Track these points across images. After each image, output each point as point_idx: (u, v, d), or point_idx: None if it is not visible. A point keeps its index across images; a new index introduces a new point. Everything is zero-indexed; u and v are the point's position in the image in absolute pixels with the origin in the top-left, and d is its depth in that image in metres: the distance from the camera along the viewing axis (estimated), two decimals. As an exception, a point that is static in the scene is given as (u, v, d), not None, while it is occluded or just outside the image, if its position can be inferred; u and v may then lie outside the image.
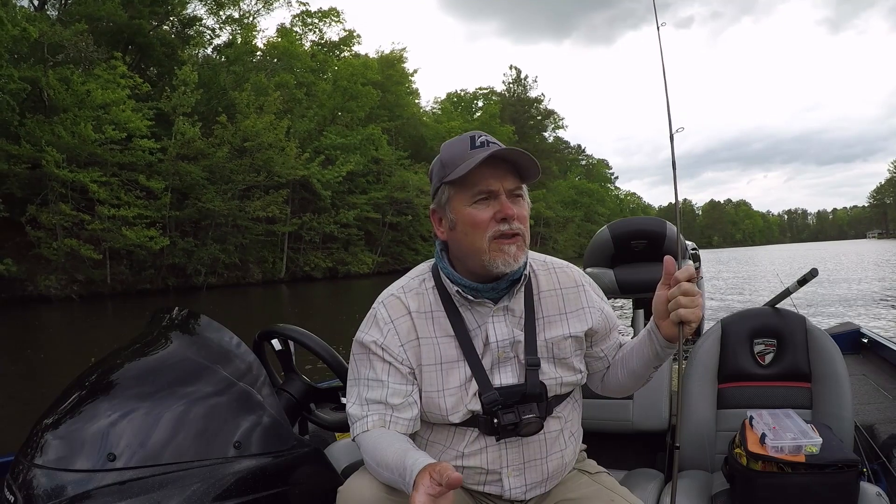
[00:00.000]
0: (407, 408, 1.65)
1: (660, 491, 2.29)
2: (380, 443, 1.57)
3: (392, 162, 50.22)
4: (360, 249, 47.08)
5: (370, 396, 1.65)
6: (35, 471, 1.58)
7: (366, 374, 1.67)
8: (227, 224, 36.21)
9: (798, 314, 2.61)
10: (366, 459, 1.61)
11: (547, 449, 1.73)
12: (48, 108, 29.14)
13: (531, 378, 1.67)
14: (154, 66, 39.10)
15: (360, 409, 1.66)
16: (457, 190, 1.63)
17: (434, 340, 1.67)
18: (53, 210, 28.81)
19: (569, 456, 1.80)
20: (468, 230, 1.62)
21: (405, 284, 1.75)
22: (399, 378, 1.65)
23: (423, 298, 1.71)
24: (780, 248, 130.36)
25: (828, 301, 16.91)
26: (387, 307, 1.70)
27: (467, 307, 1.68)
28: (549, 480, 1.76)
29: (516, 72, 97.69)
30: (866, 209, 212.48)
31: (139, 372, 1.83)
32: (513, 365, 1.68)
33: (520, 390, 1.66)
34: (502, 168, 1.61)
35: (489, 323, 1.67)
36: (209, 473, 1.60)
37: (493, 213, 1.59)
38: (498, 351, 1.67)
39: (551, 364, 1.71)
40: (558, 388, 1.72)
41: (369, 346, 1.67)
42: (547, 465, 1.74)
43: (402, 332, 1.67)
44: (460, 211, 1.63)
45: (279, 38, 47.32)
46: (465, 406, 1.64)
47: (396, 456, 1.49)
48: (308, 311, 23.93)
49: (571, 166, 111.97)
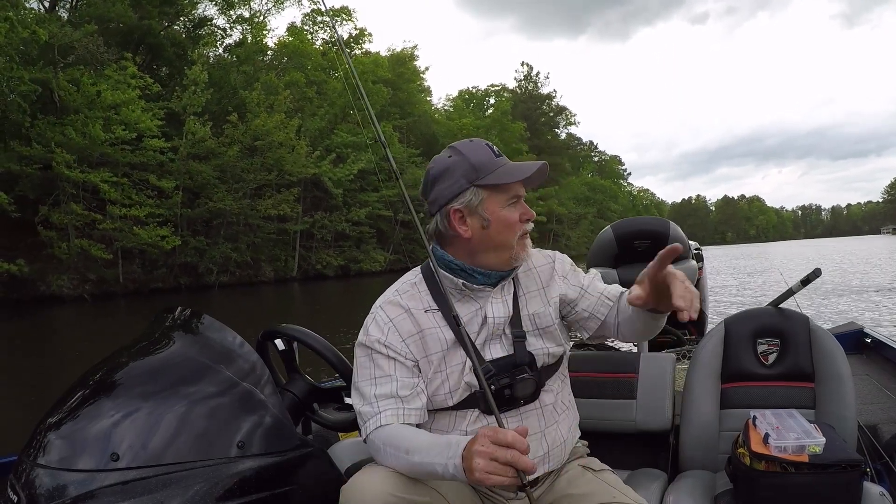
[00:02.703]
0: (415, 398, 1.74)
1: (663, 491, 2.29)
2: (405, 432, 1.65)
3: (403, 160, 50.21)
4: (372, 247, 47.12)
5: (380, 392, 1.72)
6: (38, 470, 1.59)
7: (372, 374, 1.75)
8: (239, 223, 36.33)
9: (801, 314, 2.60)
10: (385, 452, 1.63)
11: (545, 421, 1.84)
12: (59, 109, 29.26)
13: (519, 348, 1.82)
14: (165, 66, 39.24)
15: (371, 406, 1.72)
16: (492, 193, 1.77)
17: (436, 330, 1.79)
18: (65, 210, 28.96)
19: (564, 430, 1.90)
20: (502, 229, 1.78)
21: (398, 289, 1.88)
22: (405, 371, 1.75)
23: (419, 298, 1.84)
24: (790, 244, 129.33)
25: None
26: (384, 309, 1.82)
27: (468, 294, 1.82)
28: (550, 456, 1.85)
29: (528, 68, 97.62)
30: (880, 204, 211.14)
31: (142, 372, 1.84)
32: (501, 339, 1.83)
33: (510, 360, 1.80)
34: (523, 176, 1.78)
35: (488, 304, 1.83)
36: (212, 473, 1.61)
37: (518, 214, 1.80)
38: (493, 327, 1.81)
39: (537, 336, 1.86)
40: (546, 359, 1.86)
41: (372, 345, 1.77)
42: (546, 439, 1.84)
43: (402, 329, 1.78)
44: (496, 212, 1.78)
45: (290, 36, 47.40)
46: (463, 381, 1.76)
47: (433, 438, 1.58)
48: (320, 309, 23.98)
49: (584, 163, 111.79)
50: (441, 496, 1.65)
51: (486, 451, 1.36)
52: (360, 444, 2.44)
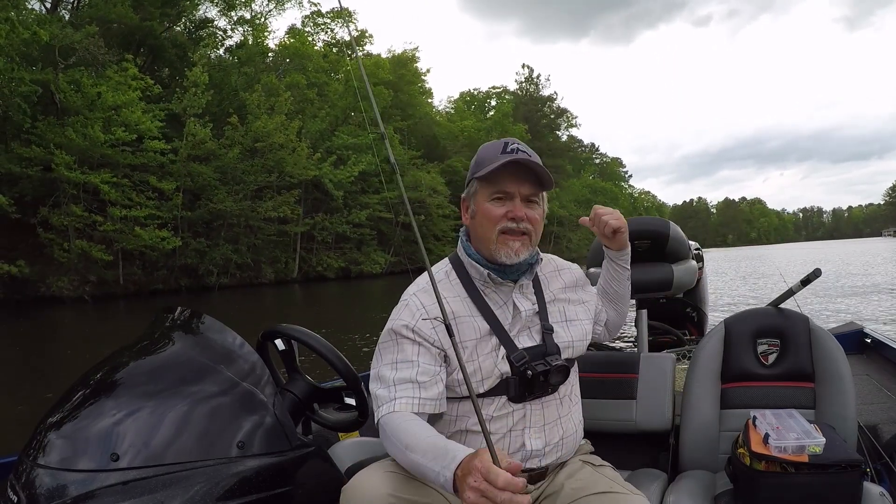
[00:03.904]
0: (433, 385, 1.75)
1: (663, 490, 2.29)
2: (411, 426, 1.62)
3: (404, 162, 50.18)
4: (372, 249, 47.07)
5: (399, 377, 1.74)
6: (38, 471, 1.59)
7: (393, 358, 1.78)
8: (240, 224, 36.28)
9: (801, 314, 2.60)
10: (390, 441, 1.63)
11: (562, 409, 1.92)
12: (59, 110, 29.26)
13: (548, 339, 1.89)
14: (166, 68, 39.25)
15: (388, 390, 1.73)
16: (482, 186, 1.88)
17: (469, 318, 1.85)
18: (65, 212, 28.93)
19: (576, 420, 1.99)
20: (483, 221, 1.87)
21: None
22: (429, 358, 1.78)
23: (451, 287, 1.91)
24: (791, 247, 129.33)
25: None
26: (418, 297, 1.87)
27: (492, 287, 1.90)
28: (563, 443, 1.91)
29: (529, 70, 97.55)
30: (882, 207, 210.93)
31: (142, 372, 1.84)
32: (531, 332, 1.90)
33: (541, 350, 1.86)
34: (524, 175, 1.84)
35: (515, 297, 1.90)
36: (212, 473, 1.61)
37: (505, 211, 1.84)
38: (524, 319, 1.88)
39: (564, 328, 1.96)
40: (569, 351, 1.94)
41: (400, 330, 1.80)
42: (562, 425, 1.90)
43: (434, 315, 1.80)
44: (480, 204, 1.88)
45: (291, 38, 47.41)
46: (497, 368, 1.81)
47: (432, 441, 1.54)
48: (321, 311, 23.95)
49: (585, 165, 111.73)
50: (443, 497, 1.66)
51: (479, 488, 1.30)
52: (361, 445, 2.44)
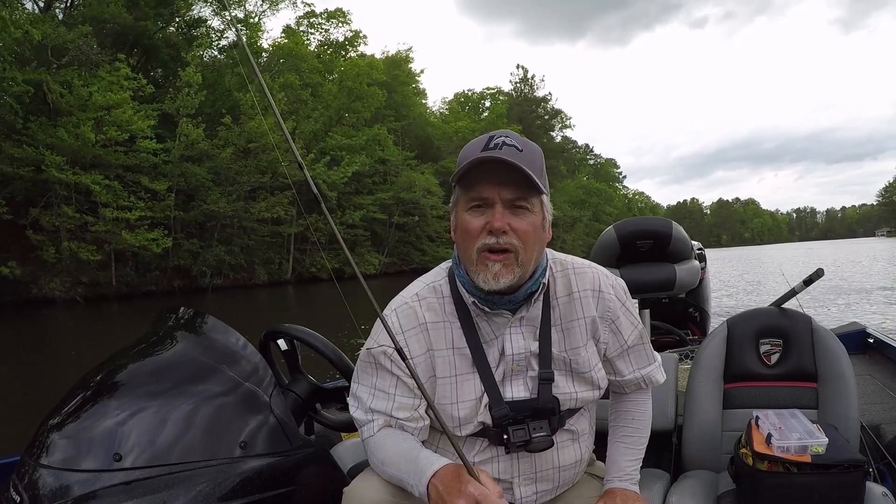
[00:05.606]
0: (410, 421, 1.59)
1: (666, 491, 2.28)
2: (386, 442, 1.56)
3: (398, 162, 50.17)
4: (366, 250, 47.06)
5: (375, 406, 1.59)
6: (41, 471, 1.58)
7: (372, 383, 1.60)
8: (233, 225, 36.21)
9: (804, 314, 2.59)
10: (371, 459, 1.60)
11: (559, 460, 1.68)
12: (52, 110, 29.13)
13: (543, 393, 1.59)
14: (159, 68, 39.15)
15: (365, 415, 1.61)
16: (461, 192, 1.53)
17: (448, 352, 1.58)
18: (56, 213, 28.79)
19: (582, 465, 1.78)
20: (463, 237, 1.52)
21: (419, 292, 1.65)
22: (405, 391, 1.58)
23: (438, 308, 1.61)
24: (784, 247, 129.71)
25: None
26: (399, 316, 1.60)
27: (483, 318, 1.58)
28: (560, 487, 1.74)
29: (523, 71, 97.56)
30: (875, 207, 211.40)
31: (145, 372, 1.83)
32: (525, 378, 1.60)
33: (531, 405, 1.59)
34: (504, 175, 1.46)
35: (506, 334, 1.58)
36: (215, 474, 1.61)
37: (484, 222, 1.48)
38: (512, 363, 1.58)
39: (567, 377, 1.63)
40: (572, 403, 1.65)
41: (377, 357, 1.57)
42: (559, 474, 1.70)
43: (412, 345, 1.57)
44: (459, 215, 1.53)
45: (285, 38, 47.35)
46: (476, 419, 1.57)
47: (406, 454, 1.49)
48: (315, 311, 23.89)
49: (580, 166, 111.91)
50: None
51: None
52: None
